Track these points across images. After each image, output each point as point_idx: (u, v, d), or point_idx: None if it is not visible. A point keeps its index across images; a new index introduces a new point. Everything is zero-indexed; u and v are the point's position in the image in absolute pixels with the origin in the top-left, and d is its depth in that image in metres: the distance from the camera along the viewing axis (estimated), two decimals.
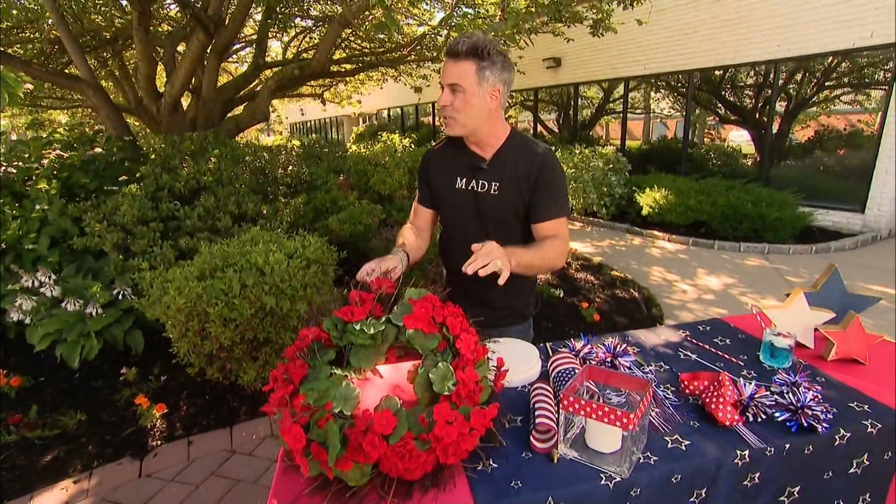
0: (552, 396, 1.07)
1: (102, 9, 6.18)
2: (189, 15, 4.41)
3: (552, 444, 0.96)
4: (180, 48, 6.24)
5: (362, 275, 1.23)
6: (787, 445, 0.98)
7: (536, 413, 1.01)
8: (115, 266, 3.08)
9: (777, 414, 1.05)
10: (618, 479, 0.89)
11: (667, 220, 6.29)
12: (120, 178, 4.10)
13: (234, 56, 9.82)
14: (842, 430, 1.01)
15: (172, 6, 6.84)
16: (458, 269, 1.47)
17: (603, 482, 0.89)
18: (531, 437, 0.97)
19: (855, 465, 1.04)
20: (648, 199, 6.46)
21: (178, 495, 1.91)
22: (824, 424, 1.00)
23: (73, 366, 2.80)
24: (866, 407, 1.08)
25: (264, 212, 3.63)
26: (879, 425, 1.02)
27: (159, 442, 2.24)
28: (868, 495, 1.08)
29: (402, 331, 1.07)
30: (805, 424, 1.01)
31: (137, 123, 9.38)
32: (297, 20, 7.54)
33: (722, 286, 4.35)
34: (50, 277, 3.01)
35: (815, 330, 1.38)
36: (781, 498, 1.04)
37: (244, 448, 2.19)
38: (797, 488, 1.03)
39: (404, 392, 1.03)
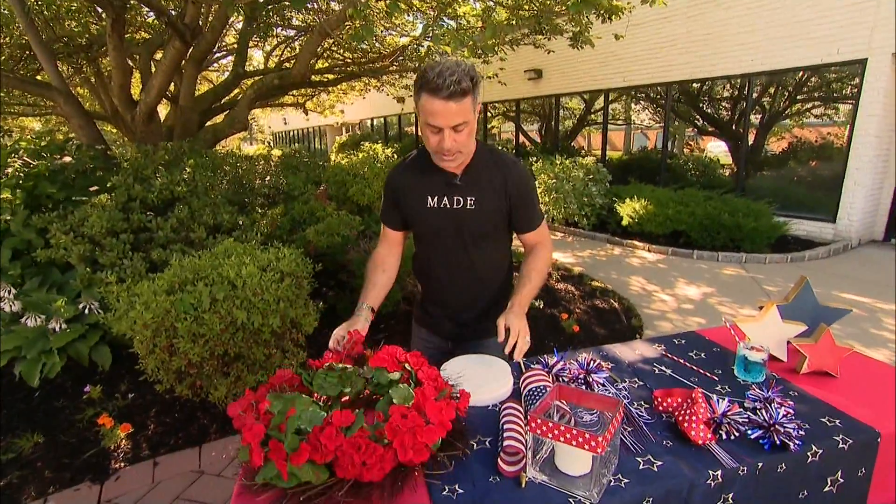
0: (522, 417, 1.04)
1: (76, 15, 6.06)
2: (164, 23, 4.34)
3: (520, 467, 0.93)
4: (157, 56, 6.14)
5: (333, 344, 1.25)
6: (760, 464, 0.96)
7: (505, 435, 0.98)
8: (81, 279, 2.97)
9: (750, 432, 1.03)
10: (587, 503, 0.86)
11: (646, 229, 6.35)
12: (91, 189, 3.98)
13: (216, 65, 9.72)
14: (814, 447, 0.99)
15: (150, 13, 6.74)
16: (438, 287, 1.47)
17: None
18: (499, 460, 0.94)
19: (829, 482, 1.02)
20: (628, 209, 6.53)
21: None
22: (796, 441, 0.98)
23: (32, 384, 2.68)
24: (838, 422, 1.07)
25: (241, 223, 3.55)
26: (851, 440, 1.01)
27: (122, 464, 2.14)
28: None
29: (371, 381, 1.06)
30: (777, 442, 0.99)
31: (115, 132, 9.19)
32: (279, 30, 7.50)
33: (700, 296, 4.40)
34: (10, 291, 2.88)
35: (788, 343, 1.38)
36: None
37: (213, 468, 2.10)
38: None
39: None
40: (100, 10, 5.65)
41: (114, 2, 4.29)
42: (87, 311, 2.87)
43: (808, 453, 0.99)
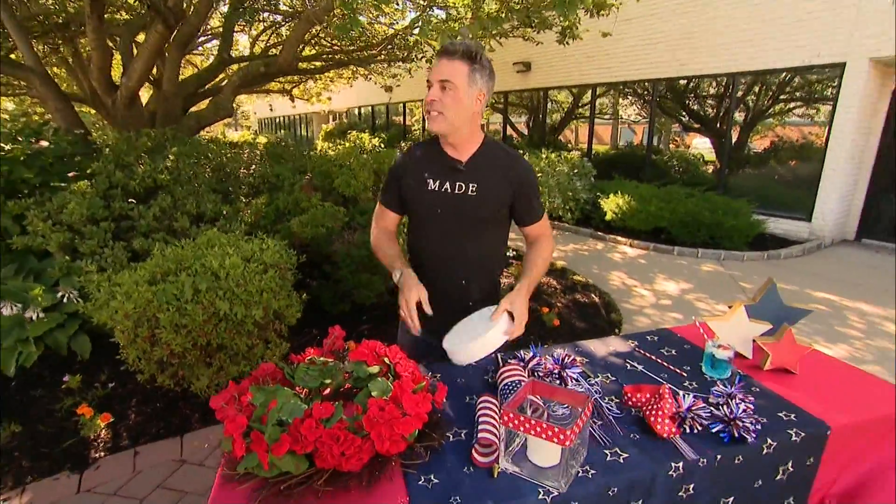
0: (497, 410, 1.08)
1: None
2: (147, 5, 4.24)
3: (493, 458, 0.97)
4: (139, 38, 5.99)
5: (407, 313, 1.33)
6: (719, 457, 1.02)
7: (480, 427, 1.02)
8: (60, 268, 2.93)
9: (712, 426, 1.09)
10: (555, 493, 0.91)
11: (629, 225, 6.45)
12: (69, 175, 3.90)
13: (200, 49, 9.51)
14: (769, 440, 1.05)
15: None
16: (428, 274, 1.50)
17: (541, 496, 0.90)
18: (473, 451, 0.98)
19: (780, 471, 1.09)
20: (612, 205, 6.62)
21: None
22: (753, 435, 1.04)
23: (8, 374, 2.65)
24: (793, 416, 1.13)
25: (224, 212, 3.52)
26: (803, 433, 1.07)
27: (102, 454, 2.14)
28: (792, 499, 1.13)
29: (351, 375, 1.10)
30: (736, 435, 1.05)
31: (94, 115, 8.95)
32: (266, 14, 7.36)
33: (679, 291, 4.50)
34: None
35: (753, 341, 1.44)
36: None
37: (195, 458, 2.11)
38: (731, 499, 1.08)
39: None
40: None
41: None
42: (65, 299, 2.83)
43: (764, 446, 1.05)
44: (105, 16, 4.89)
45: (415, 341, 1.58)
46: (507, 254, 4.43)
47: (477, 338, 1.21)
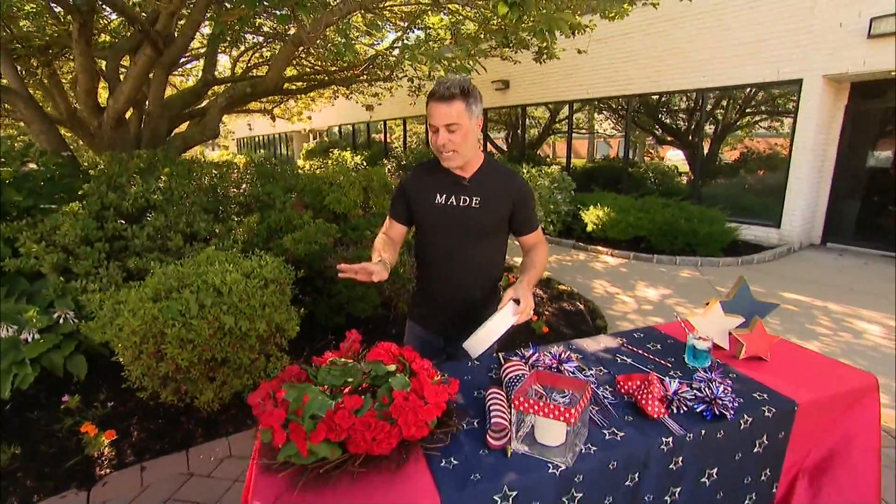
0: (505, 400, 1.20)
1: (33, 16, 5.88)
2: (138, 30, 4.32)
3: (506, 441, 1.08)
4: (124, 61, 6.03)
5: (348, 271, 1.37)
6: (703, 431, 1.15)
7: (492, 414, 1.13)
8: (54, 288, 2.94)
9: (696, 406, 1.22)
10: (563, 467, 1.02)
11: (609, 235, 6.68)
12: (57, 196, 3.91)
13: (180, 69, 9.54)
14: (745, 416, 1.19)
15: (113, 16, 6.61)
16: (435, 278, 1.65)
17: (550, 471, 1.02)
18: (487, 436, 1.09)
19: (757, 444, 1.22)
20: (592, 216, 6.85)
21: None
22: (731, 411, 1.18)
23: (3, 396, 2.64)
24: (766, 396, 1.28)
25: (217, 231, 3.58)
26: (774, 410, 1.22)
27: (108, 470, 2.16)
28: (768, 470, 1.27)
29: (369, 374, 1.20)
30: (717, 413, 1.19)
31: (69, 135, 8.86)
32: (248, 36, 7.48)
33: (659, 297, 4.70)
34: None
35: (729, 333, 1.59)
36: (702, 479, 1.20)
37: (202, 470, 2.15)
38: (715, 470, 1.21)
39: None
40: (58, 10, 5.53)
41: (81, 7, 4.24)
42: (61, 320, 2.84)
43: (741, 421, 1.19)
44: (91, 40, 4.93)
45: (420, 342, 1.69)
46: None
47: (487, 323, 1.32)
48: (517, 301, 1.38)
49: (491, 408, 1.16)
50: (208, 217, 3.65)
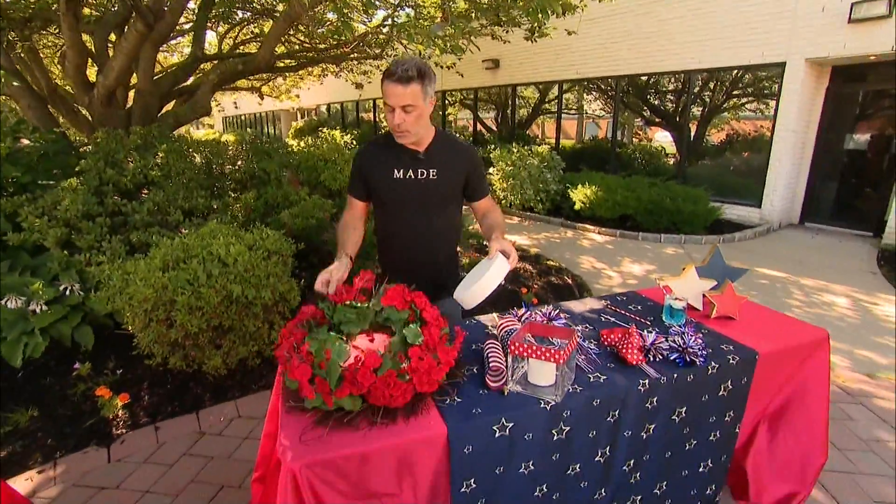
0: (501, 349, 1.34)
1: None
2: (130, 5, 4.28)
3: (503, 382, 1.23)
4: (112, 36, 5.94)
5: (319, 287, 1.46)
6: (675, 375, 1.31)
7: (490, 360, 1.28)
8: (59, 262, 3.01)
9: (670, 355, 1.38)
10: (553, 403, 1.17)
11: (597, 214, 6.85)
12: (54, 172, 3.93)
13: (165, 45, 9.36)
14: (713, 363, 1.35)
15: None
16: (404, 245, 1.75)
17: (542, 406, 1.17)
18: (486, 378, 1.23)
19: (722, 388, 1.39)
20: (580, 195, 7.00)
21: (152, 475, 1.99)
22: (700, 359, 1.34)
23: (14, 364, 2.73)
24: (731, 347, 1.44)
25: (214, 207, 3.65)
26: (738, 357, 1.38)
27: (124, 430, 2.29)
28: (731, 412, 1.44)
29: (380, 313, 1.31)
30: (689, 360, 1.35)
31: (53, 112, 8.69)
32: (237, 12, 7.37)
33: (644, 272, 4.89)
34: None
35: (703, 295, 1.75)
36: (673, 417, 1.37)
37: (213, 430, 2.29)
38: (684, 409, 1.37)
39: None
40: None
41: None
42: (68, 292, 2.93)
43: (709, 367, 1.35)
44: (80, 14, 4.87)
45: None
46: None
47: (484, 273, 1.40)
48: (505, 254, 1.47)
49: (489, 355, 1.30)
50: (205, 193, 3.72)
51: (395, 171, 1.65)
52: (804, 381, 1.57)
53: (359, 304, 1.34)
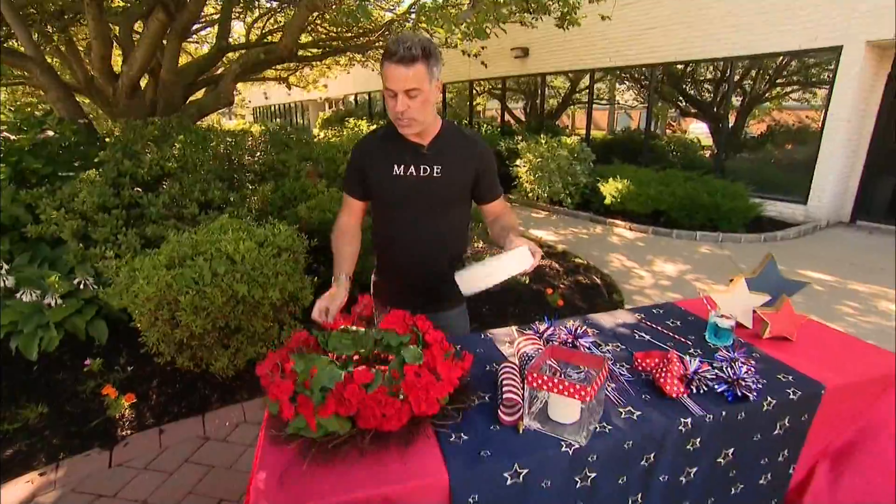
0: (518, 374, 1.17)
1: None
2: None
3: (518, 416, 1.05)
4: (136, 27, 5.95)
5: (317, 315, 1.32)
6: (724, 413, 1.11)
7: (504, 389, 1.10)
8: (74, 255, 2.99)
9: (717, 386, 1.18)
10: (576, 446, 1.00)
11: (628, 208, 6.53)
12: (75, 163, 3.94)
13: (194, 36, 9.42)
14: (769, 398, 1.14)
15: None
16: (403, 250, 1.54)
17: (563, 449, 0.99)
18: (499, 411, 1.06)
19: (778, 426, 1.18)
20: (611, 189, 6.69)
21: (151, 483, 1.92)
22: (754, 393, 1.13)
23: (30, 358, 2.72)
24: (791, 377, 1.22)
25: (231, 199, 3.57)
26: (800, 392, 1.17)
27: (129, 431, 2.23)
28: (786, 451, 1.23)
29: (380, 342, 1.16)
30: (739, 394, 1.14)
31: (87, 103, 8.88)
32: (263, 1, 7.31)
33: (678, 273, 4.60)
34: (2, 267, 2.89)
35: (754, 311, 1.53)
36: (718, 459, 1.17)
37: (218, 435, 2.20)
38: (731, 450, 1.17)
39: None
40: None
41: None
42: (82, 286, 2.90)
43: (764, 403, 1.14)
44: (104, 5, 4.87)
45: None
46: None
47: (502, 258, 1.18)
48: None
49: (503, 382, 1.13)
50: (223, 185, 3.64)
51: (396, 166, 1.45)
52: (876, 416, 1.34)
53: (355, 329, 1.19)
